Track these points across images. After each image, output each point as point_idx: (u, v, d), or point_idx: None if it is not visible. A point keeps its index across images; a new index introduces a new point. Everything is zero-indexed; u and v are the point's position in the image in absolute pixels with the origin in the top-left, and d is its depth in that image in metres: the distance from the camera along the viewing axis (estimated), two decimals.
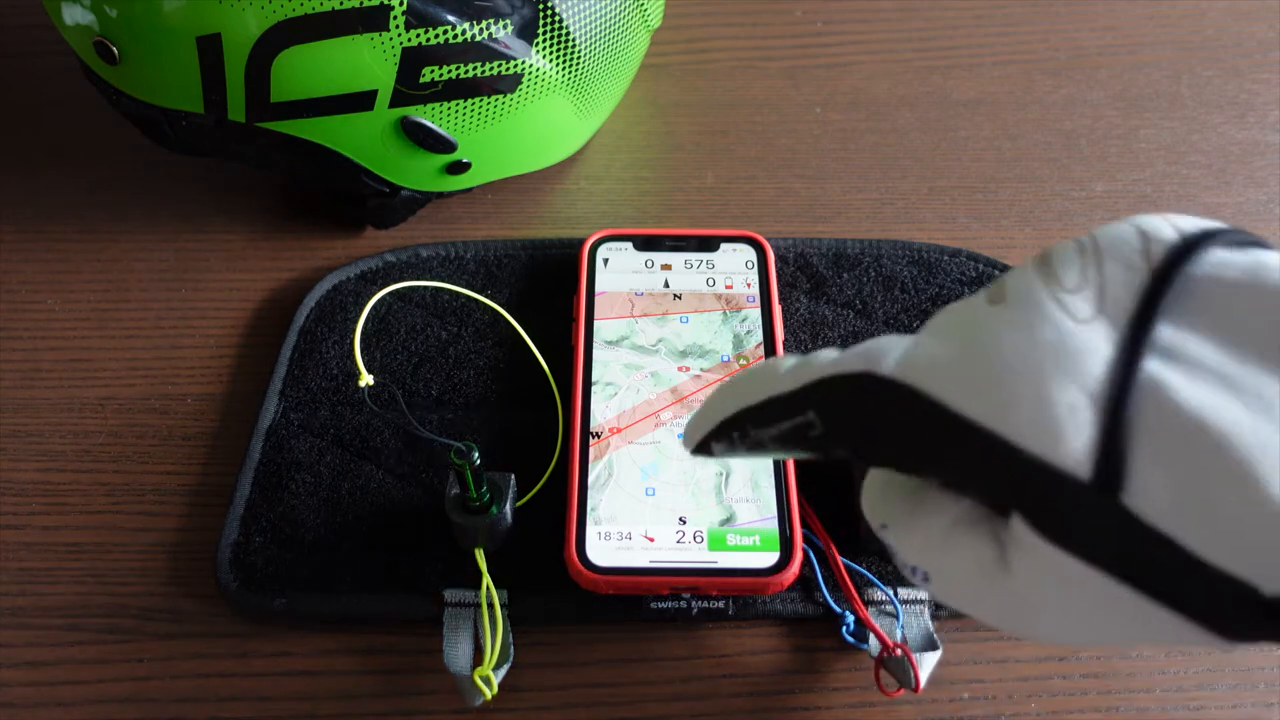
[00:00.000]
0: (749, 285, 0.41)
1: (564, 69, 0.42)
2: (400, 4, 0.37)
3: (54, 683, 0.33)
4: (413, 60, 0.38)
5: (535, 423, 0.38)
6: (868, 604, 0.33)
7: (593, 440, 0.36)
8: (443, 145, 0.41)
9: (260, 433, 0.38)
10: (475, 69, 0.39)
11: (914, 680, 0.31)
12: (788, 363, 0.25)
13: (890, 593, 0.33)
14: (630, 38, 0.45)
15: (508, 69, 0.40)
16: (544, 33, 0.41)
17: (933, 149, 0.50)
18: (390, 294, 0.42)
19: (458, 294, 0.42)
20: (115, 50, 0.38)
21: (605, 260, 0.42)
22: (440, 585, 0.34)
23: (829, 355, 0.24)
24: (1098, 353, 0.20)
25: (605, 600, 0.33)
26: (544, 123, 0.44)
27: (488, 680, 0.31)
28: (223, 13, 0.36)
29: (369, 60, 0.38)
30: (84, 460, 0.39)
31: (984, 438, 0.20)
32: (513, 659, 0.32)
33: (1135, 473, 0.18)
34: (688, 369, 0.38)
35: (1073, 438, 0.19)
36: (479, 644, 0.32)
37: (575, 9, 0.41)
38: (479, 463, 0.31)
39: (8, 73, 0.54)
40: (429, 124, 0.40)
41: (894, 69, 0.54)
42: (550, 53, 0.41)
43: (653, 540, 0.33)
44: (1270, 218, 0.47)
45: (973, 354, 0.21)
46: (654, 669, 0.33)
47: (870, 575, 0.34)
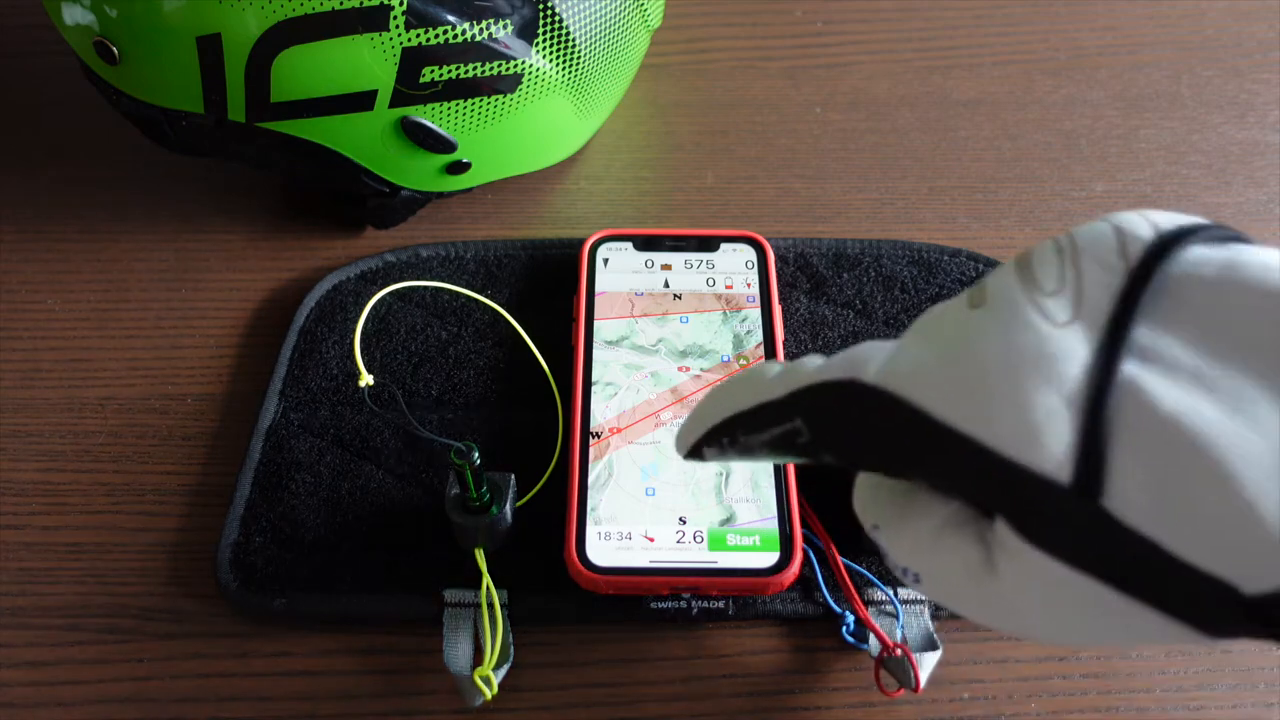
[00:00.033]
0: (749, 285, 0.41)
1: (564, 69, 0.42)
2: (400, 4, 0.37)
3: (54, 683, 0.33)
4: (413, 60, 0.38)
5: (535, 423, 0.38)
6: (868, 604, 0.33)
7: (593, 440, 0.36)
8: (443, 145, 0.41)
9: (260, 433, 0.38)
10: (475, 69, 0.39)
11: (914, 680, 0.31)
12: (775, 369, 0.25)
13: (890, 593, 0.33)
14: (630, 38, 0.45)
15: (508, 69, 0.40)
16: (544, 33, 0.41)
17: (933, 149, 0.50)
18: (390, 294, 0.42)
19: (458, 294, 0.42)
20: (115, 50, 0.38)
21: (605, 260, 0.42)
22: (440, 585, 0.34)
23: (815, 362, 0.24)
24: (1075, 357, 0.20)
25: (605, 600, 0.33)
26: (544, 123, 0.44)
27: (488, 680, 0.31)
28: (223, 13, 0.36)
29: (369, 60, 0.38)
30: (84, 460, 0.39)
31: (965, 444, 0.20)
32: (513, 659, 0.32)
33: (1114, 476, 0.19)
34: (688, 369, 0.38)
35: (1051, 443, 0.19)
36: (479, 644, 0.32)
37: (575, 9, 0.41)
38: (479, 463, 0.31)
39: (8, 73, 0.54)
40: (429, 124, 0.41)
41: (894, 69, 0.54)
42: (550, 53, 0.41)
43: (653, 540, 0.33)
44: (1270, 218, 0.47)
45: (952, 360, 0.21)
46: (654, 669, 0.33)
47: (870, 575, 0.34)
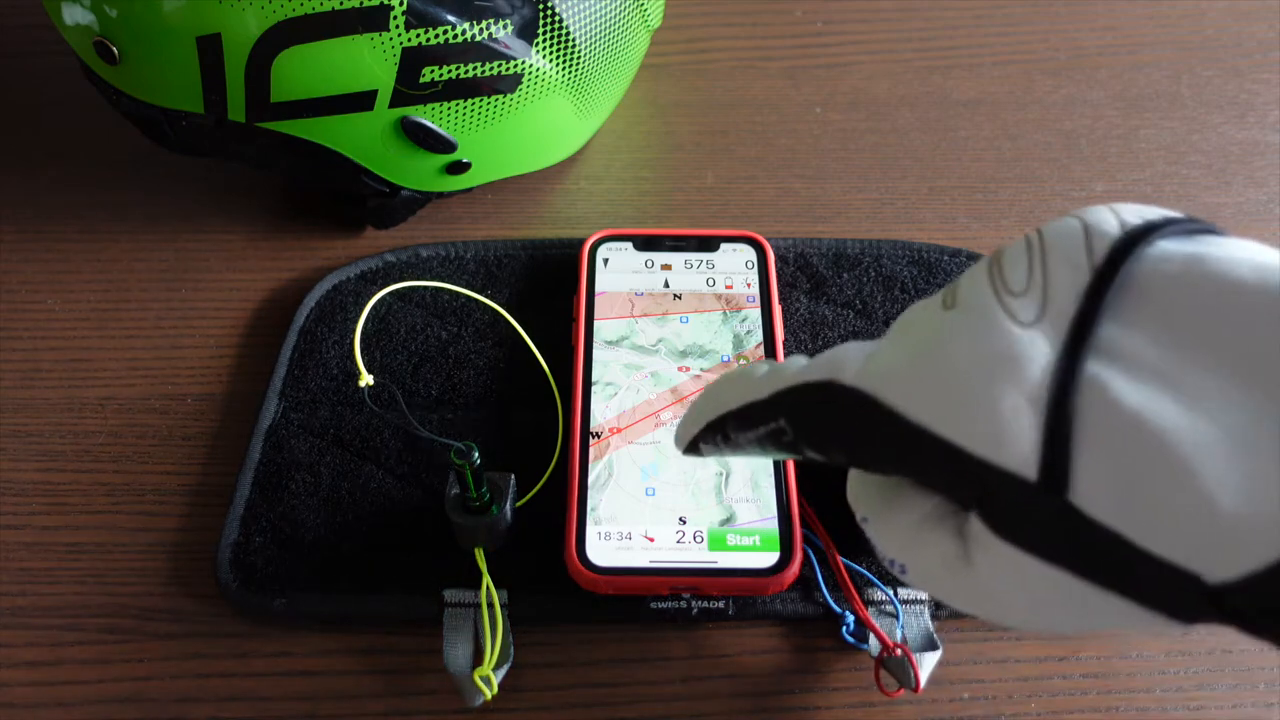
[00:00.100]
0: (749, 285, 0.41)
1: (564, 69, 0.42)
2: (400, 4, 0.37)
3: (54, 683, 0.33)
4: (413, 60, 0.38)
5: (535, 423, 0.38)
6: (868, 604, 0.33)
7: (593, 440, 0.36)
8: (443, 145, 0.41)
9: (260, 433, 0.38)
10: (475, 69, 0.39)
11: (914, 680, 0.31)
12: (762, 369, 0.26)
13: (890, 593, 0.33)
14: (630, 38, 0.45)
15: (508, 69, 0.40)
16: (544, 33, 0.41)
17: (933, 149, 0.50)
18: (390, 294, 0.42)
19: (458, 294, 0.42)
20: (115, 50, 0.38)
21: (605, 260, 0.42)
22: (440, 585, 0.34)
23: (799, 363, 0.25)
24: (1040, 358, 0.20)
25: (605, 600, 0.33)
26: (544, 123, 0.44)
27: (488, 680, 0.31)
28: (223, 13, 0.36)
29: (369, 60, 0.38)
30: (84, 460, 0.39)
31: (937, 443, 0.21)
32: (513, 659, 0.32)
33: (1079, 472, 0.19)
34: (688, 369, 0.38)
35: (1017, 441, 0.20)
36: (479, 644, 0.32)
37: (575, 9, 0.41)
38: (479, 463, 0.31)
39: (8, 73, 0.54)
40: (429, 124, 0.41)
41: (894, 69, 0.54)
42: (550, 53, 0.41)
43: (653, 540, 0.33)
44: (1270, 218, 0.47)
45: (924, 362, 0.22)
46: (654, 669, 0.33)
47: (870, 575, 0.34)
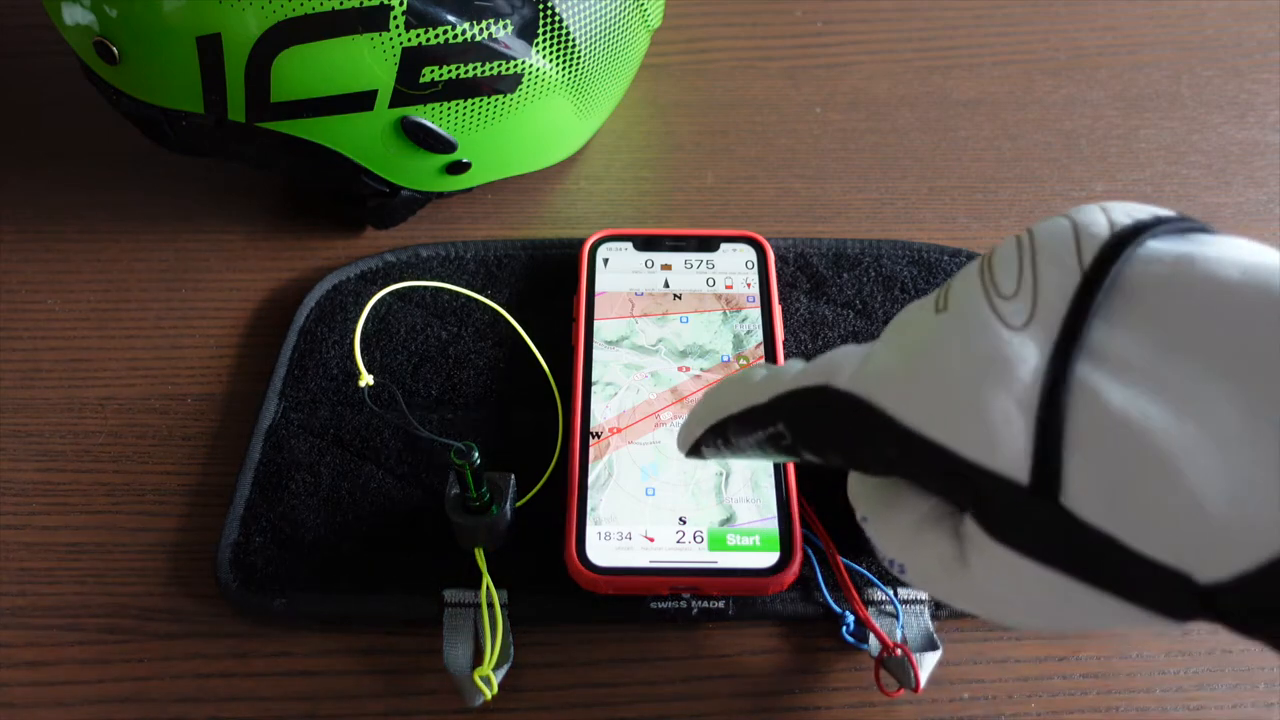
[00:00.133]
0: (749, 285, 0.41)
1: (564, 69, 0.42)
2: (400, 4, 0.37)
3: (54, 683, 0.33)
4: (413, 60, 0.38)
5: (535, 423, 0.38)
6: (868, 604, 0.33)
7: (593, 440, 0.36)
8: (443, 145, 0.41)
9: (260, 433, 0.38)
10: (475, 69, 0.39)
11: (914, 680, 0.31)
12: (760, 373, 0.26)
13: (890, 593, 0.33)
14: (630, 38, 0.45)
15: (508, 69, 0.40)
16: (544, 33, 0.41)
17: (933, 149, 0.50)
18: (390, 294, 0.42)
19: (458, 294, 0.42)
20: (115, 50, 0.38)
21: (605, 260, 0.42)
22: (440, 585, 0.34)
23: (796, 367, 0.25)
24: (1030, 361, 0.20)
25: (605, 600, 0.33)
26: (544, 123, 0.44)
27: (488, 680, 0.31)
28: (223, 13, 0.36)
29: (369, 60, 0.38)
30: (84, 460, 0.39)
31: (930, 447, 0.21)
32: (513, 659, 0.32)
33: (1070, 475, 0.19)
34: (688, 369, 0.38)
35: (1008, 445, 0.20)
36: (479, 644, 0.32)
37: (575, 9, 0.41)
38: (479, 463, 0.31)
39: (8, 73, 0.54)
40: (429, 124, 0.40)
41: (894, 69, 0.54)
42: (550, 53, 0.41)
43: (653, 540, 0.33)
44: (1270, 218, 0.47)
45: (916, 366, 0.22)
46: (654, 669, 0.33)
47: (870, 575, 0.34)
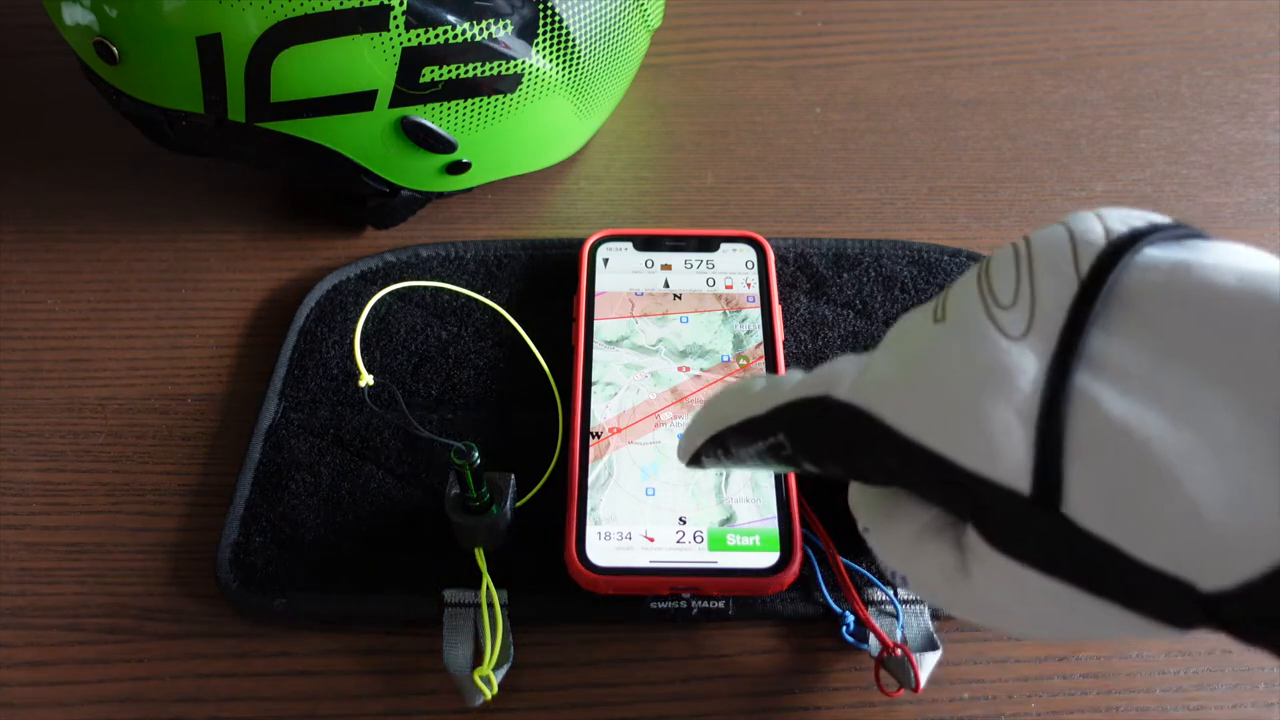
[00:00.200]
0: (749, 285, 0.41)
1: (564, 69, 0.42)
2: (400, 4, 0.37)
3: (54, 683, 0.33)
4: (413, 60, 0.38)
5: (535, 423, 0.38)
6: (868, 604, 0.33)
7: (593, 440, 0.36)
8: (443, 145, 0.41)
9: (260, 433, 0.38)
10: (475, 69, 0.39)
11: (914, 680, 0.31)
12: (760, 384, 0.26)
13: (890, 593, 0.33)
14: (630, 38, 0.45)
15: (508, 69, 0.40)
16: (544, 33, 0.41)
17: (933, 149, 0.50)
18: (390, 294, 0.42)
19: (458, 294, 0.42)
20: (115, 50, 0.38)
21: (605, 260, 0.42)
22: (440, 585, 0.34)
23: (796, 377, 0.25)
24: (1029, 370, 0.20)
25: (605, 600, 0.33)
26: (544, 123, 0.44)
27: (488, 680, 0.31)
28: (223, 13, 0.36)
29: (369, 60, 0.38)
30: (84, 460, 0.39)
31: (930, 457, 0.21)
32: (513, 659, 0.32)
33: (1071, 485, 0.19)
34: (688, 369, 0.38)
35: (1009, 455, 0.20)
36: (479, 644, 0.32)
37: (575, 9, 0.41)
38: (479, 463, 0.31)
39: (8, 73, 0.54)
40: (429, 124, 0.40)
41: (894, 69, 0.54)
42: (550, 53, 0.41)
43: (653, 540, 0.33)
44: (1270, 218, 0.47)
45: (915, 376, 0.22)
46: (654, 669, 0.33)
47: (870, 575, 0.34)
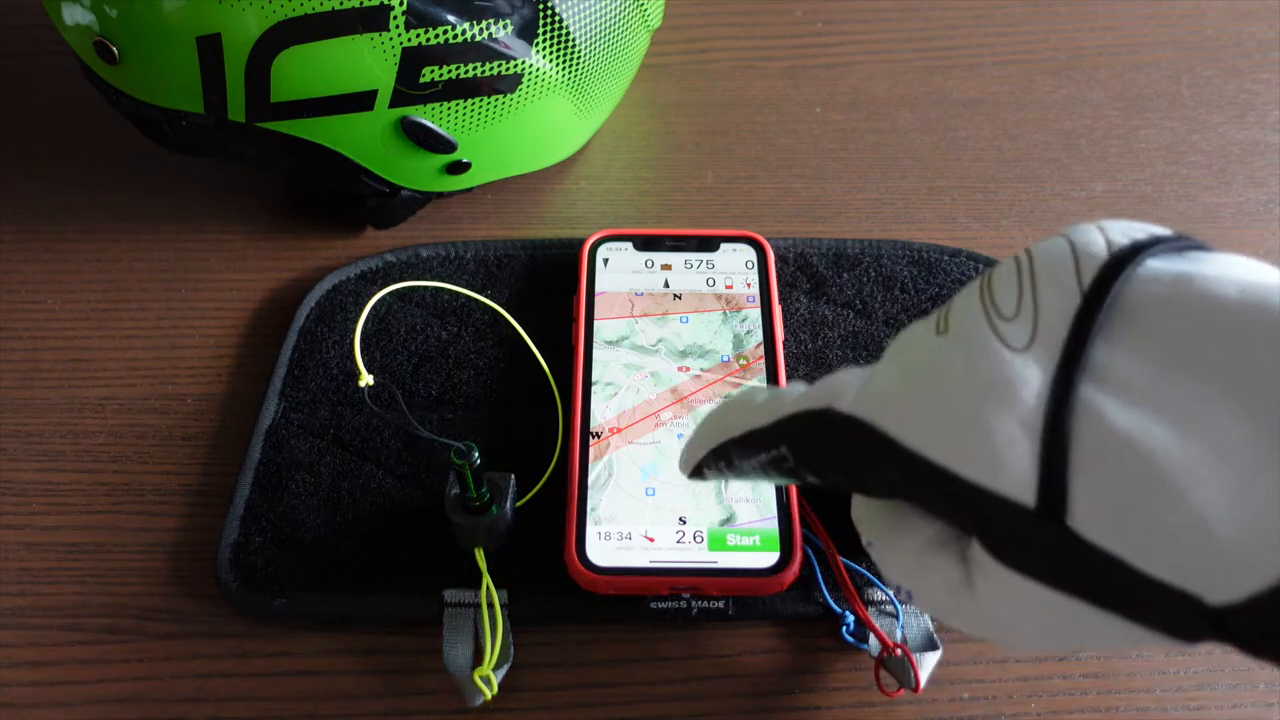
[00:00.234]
0: (749, 285, 0.41)
1: (564, 69, 0.42)
2: (400, 4, 0.37)
3: (54, 683, 0.33)
4: (413, 60, 0.38)
5: (535, 423, 0.38)
6: (868, 604, 0.33)
7: (593, 440, 0.36)
8: (443, 145, 0.41)
9: (260, 433, 0.38)
10: (475, 69, 0.39)
11: (914, 680, 0.31)
12: (762, 395, 0.26)
13: (890, 593, 0.33)
14: (630, 38, 0.45)
15: (508, 69, 0.40)
16: (544, 33, 0.41)
17: (933, 149, 0.50)
18: (390, 294, 0.42)
19: (458, 294, 0.42)
20: (115, 50, 0.38)
21: (605, 260, 0.42)
22: (440, 585, 0.34)
23: (798, 390, 0.25)
24: (1033, 383, 0.20)
25: (605, 600, 0.33)
26: (544, 123, 0.44)
27: (488, 680, 0.31)
28: (223, 13, 0.36)
29: (369, 60, 0.38)
30: (84, 460, 0.39)
31: (934, 470, 0.21)
32: (513, 659, 0.32)
33: (1076, 498, 0.19)
34: (688, 369, 0.38)
35: (1013, 468, 0.20)
36: (479, 644, 0.32)
37: (575, 9, 0.41)
38: (479, 463, 0.31)
39: (8, 73, 0.54)
40: (429, 124, 0.40)
41: (894, 69, 0.54)
42: (550, 53, 0.41)
43: (653, 540, 0.33)
44: (1270, 218, 0.47)
45: (918, 389, 0.22)
46: (654, 669, 0.33)
47: (870, 575, 0.33)
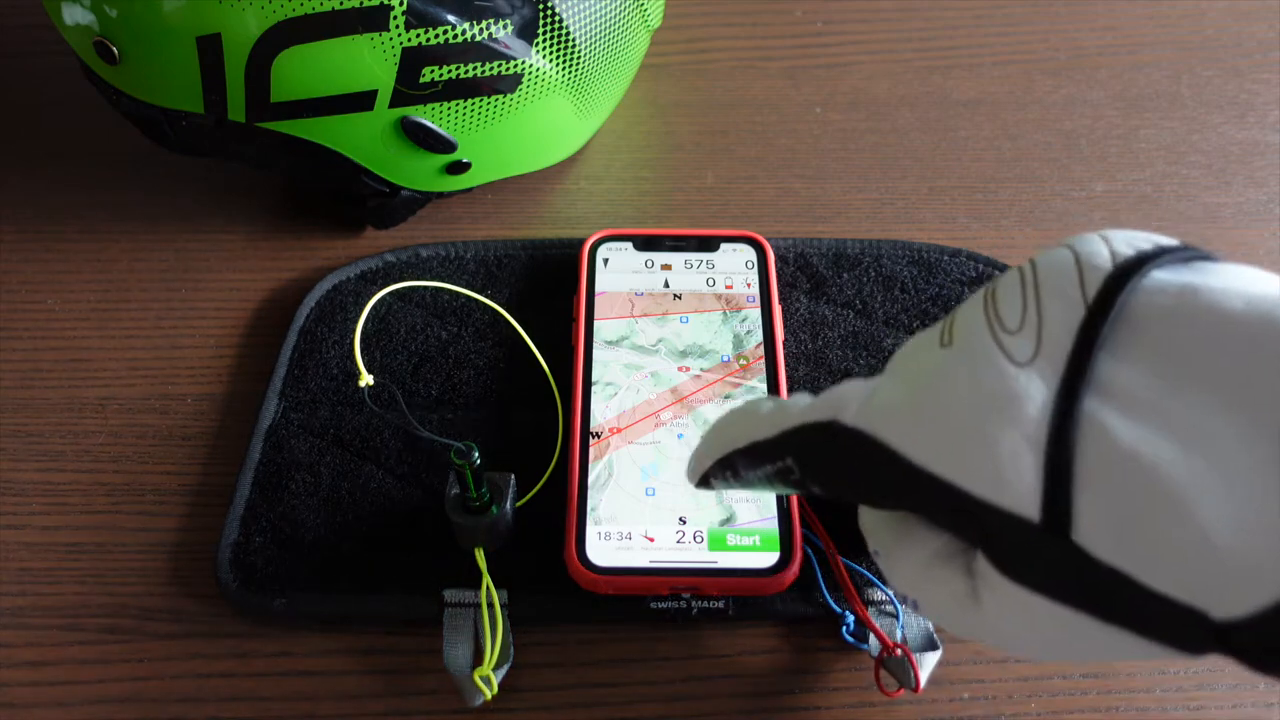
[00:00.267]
0: (749, 285, 0.41)
1: (564, 69, 0.42)
2: (400, 4, 0.37)
3: (54, 683, 0.33)
4: (413, 60, 0.38)
5: (535, 423, 0.38)
6: (868, 604, 0.33)
7: (593, 440, 0.36)
8: (443, 145, 0.41)
9: (260, 433, 0.38)
10: (475, 69, 0.39)
11: (914, 680, 0.31)
12: (768, 406, 0.26)
13: (890, 593, 0.33)
14: (630, 38, 0.45)
15: (508, 69, 0.40)
16: (544, 33, 0.41)
17: (933, 149, 0.50)
18: (390, 294, 0.42)
19: (458, 294, 0.42)
20: (115, 50, 0.38)
21: (605, 260, 0.42)
22: (440, 585, 0.34)
23: (803, 401, 0.25)
24: (1037, 396, 0.20)
25: (605, 600, 0.33)
26: (544, 123, 0.44)
27: (488, 680, 0.31)
28: (223, 13, 0.36)
29: (369, 60, 0.38)
30: (84, 460, 0.39)
31: (938, 484, 0.21)
32: (513, 659, 0.32)
33: (1081, 512, 0.19)
34: (688, 369, 0.38)
35: (1017, 482, 0.20)
36: (479, 644, 0.32)
37: (575, 9, 0.41)
38: (479, 463, 0.31)
39: (8, 73, 0.54)
40: (429, 124, 0.40)
41: (894, 69, 0.54)
42: (550, 53, 0.41)
43: (653, 540, 0.33)
44: (1270, 218, 0.47)
45: (922, 402, 0.22)
46: (654, 669, 0.33)
47: (870, 575, 0.33)
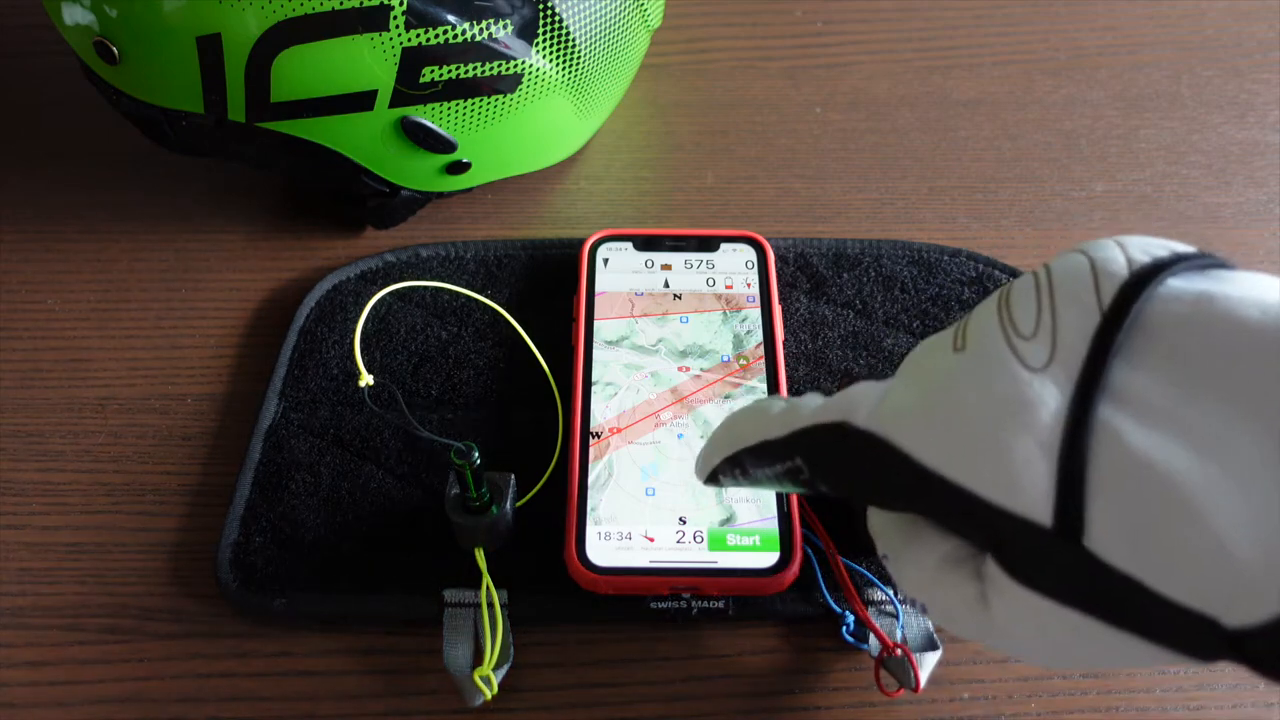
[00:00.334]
0: (749, 285, 0.41)
1: (564, 69, 0.42)
2: (400, 4, 0.37)
3: (54, 683, 0.33)
4: (413, 60, 0.38)
5: (535, 423, 0.38)
6: (868, 604, 0.33)
7: (593, 440, 0.36)
8: (443, 145, 0.41)
9: (260, 433, 0.38)
10: (475, 69, 0.39)
11: (914, 680, 0.31)
12: (779, 406, 0.26)
13: (890, 593, 0.33)
14: (630, 38, 0.45)
15: (508, 69, 0.40)
16: (544, 33, 0.41)
17: (933, 149, 0.50)
18: (390, 294, 0.42)
19: (458, 294, 0.42)
20: (115, 50, 0.38)
21: (605, 260, 0.42)
22: (440, 585, 0.34)
23: (814, 402, 0.25)
24: (1051, 402, 0.20)
25: (605, 600, 0.33)
26: (544, 123, 0.44)
27: (488, 680, 0.31)
28: (223, 13, 0.36)
29: (369, 60, 0.38)
30: (84, 460, 0.39)
31: (950, 488, 0.21)
32: (513, 659, 0.32)
33: (1093, 518, 0.19)
34: (688, 369, 0.38)
35: (1030, 488, 0.20)
36: (479, 644, 0.32)
37: (575, 9, 0.41)
38: (479, 463, 0.31)
39: (8, 73, 0.54)
40: (429, 124, 0.40)
41: (894, 69, 0.54)
42: (550, 53, 0.41)
43: (653, 540, 0.33)
44: (1270, 218, 0.47)
45: (935, 406, 0.22)
46: (654, 669, 0.33)
47: (870, 575, 0.34)
